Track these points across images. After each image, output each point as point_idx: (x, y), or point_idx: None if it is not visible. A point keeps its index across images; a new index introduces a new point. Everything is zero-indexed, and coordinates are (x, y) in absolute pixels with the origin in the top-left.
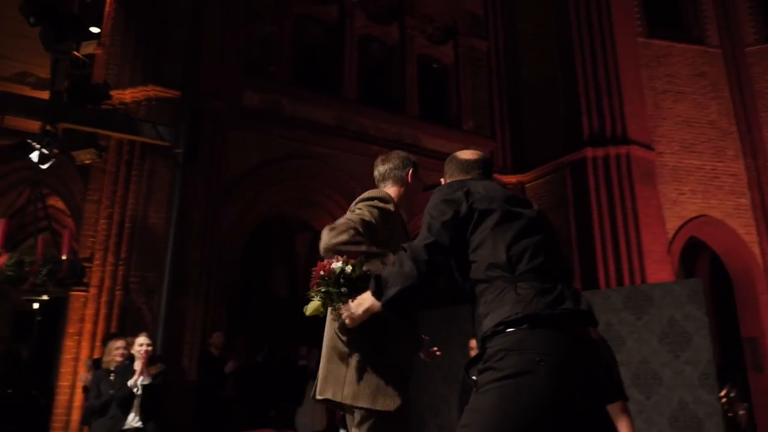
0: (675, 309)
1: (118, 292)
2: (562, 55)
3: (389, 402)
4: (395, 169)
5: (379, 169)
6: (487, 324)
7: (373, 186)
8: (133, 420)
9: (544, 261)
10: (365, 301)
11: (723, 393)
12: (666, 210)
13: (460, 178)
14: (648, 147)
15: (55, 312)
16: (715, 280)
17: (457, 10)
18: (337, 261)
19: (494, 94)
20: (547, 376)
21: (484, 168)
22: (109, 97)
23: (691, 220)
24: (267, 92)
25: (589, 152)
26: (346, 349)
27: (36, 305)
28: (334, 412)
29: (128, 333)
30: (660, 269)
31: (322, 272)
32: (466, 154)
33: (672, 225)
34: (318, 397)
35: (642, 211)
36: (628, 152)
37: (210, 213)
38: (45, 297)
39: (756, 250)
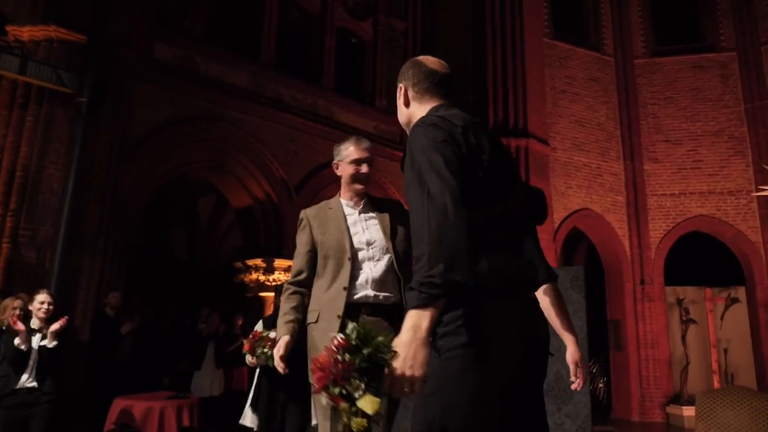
0: None
1: (5, 245)
2: (475, 45)
3: None
4: None
5: None
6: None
7: (284, 154)
8: (26, 380)
9: (514, 225)
10: (418, 326)
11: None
12: (554, 201)
13: (428, 93)
14: (544, 142)
15: None
16: (588, 267)
17: None
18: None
19: None
20: (505, 341)
21: (451, 86)
22: (4, 32)
23: (575, 212)
24: (180, 47)
25: None
26: None
27: None
28: (232, 377)
29: (16, 289)
30: (545, 256)
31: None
32: (434, 63)
33: (558, 215)
34: None
35: None
36: (527, 145)
37: (112, 168)
38: None
39: (626, 243)
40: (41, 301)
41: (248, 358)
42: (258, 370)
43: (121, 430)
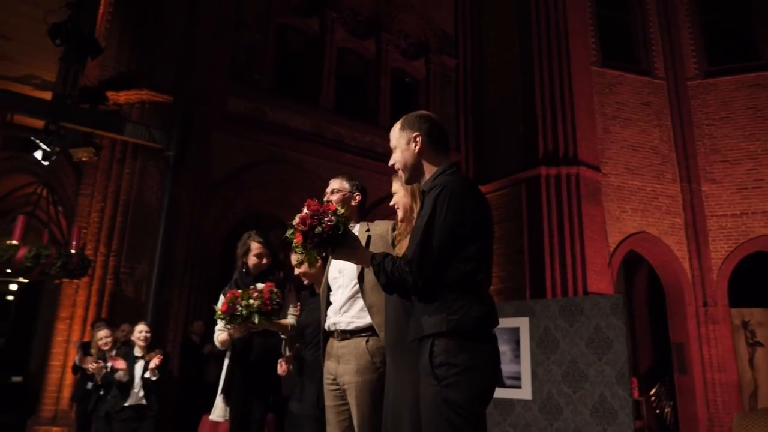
0: (600, 318)
1: (109, 281)
2: (523, 78)
3: None
4: None
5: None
6: (450, 325)
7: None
8: (136, 399)
9: (491, 279)
10: (364, 262)
11: (653, 392)
12: (609, 226)
13: (436, 145)
14: (596, 168)
15: (28, 296)
16: (651, 290)
17: (429, 29)
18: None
19: (460, 109)
20: (490, 365)
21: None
22: (106, 98)
23: (631, 235)
24: (250, 99)
25: (543, 170)
26: None
27: (13, 287)
28: None
29: (117, 319)
30: (600, 280)
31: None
32: (440, 121)
33: (614, 239)
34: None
35: (587, 227)
36: (578, 172)
37: (195, 211)
38: (23, 279)
39: (686, 265)
40: (140, 330)
41: (219, 335)
42: (227, 359)
43: None
